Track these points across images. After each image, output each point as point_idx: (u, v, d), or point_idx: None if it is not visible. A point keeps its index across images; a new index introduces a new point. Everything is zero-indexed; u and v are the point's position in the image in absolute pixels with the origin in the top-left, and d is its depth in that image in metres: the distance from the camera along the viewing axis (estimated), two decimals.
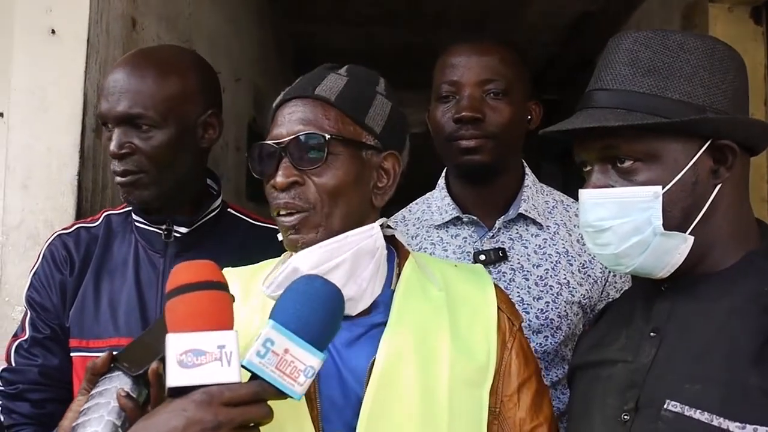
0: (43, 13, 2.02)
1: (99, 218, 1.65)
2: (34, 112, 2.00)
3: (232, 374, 0.89)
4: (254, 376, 0.91)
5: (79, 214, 1.96)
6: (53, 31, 2.01)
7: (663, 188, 1.07)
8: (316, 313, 0.94)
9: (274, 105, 1.20)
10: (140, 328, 1.47)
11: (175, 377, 0.88)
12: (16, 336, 1.57)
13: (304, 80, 1.20)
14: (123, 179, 1.48)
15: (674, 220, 1.09)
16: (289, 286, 0.99)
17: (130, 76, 1.48)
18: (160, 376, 0.94)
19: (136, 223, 1.59)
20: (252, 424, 0.92)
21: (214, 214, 1.62)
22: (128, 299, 1.52)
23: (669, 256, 1.10)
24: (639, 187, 1.09)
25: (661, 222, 1.07)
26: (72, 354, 1.52)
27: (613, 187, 1.11)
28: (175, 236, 1.56)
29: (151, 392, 0.98)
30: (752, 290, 1.07)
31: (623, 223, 1.09)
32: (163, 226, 1.55)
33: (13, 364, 1.53)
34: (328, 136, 1.11)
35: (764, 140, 1.15)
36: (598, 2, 4.71)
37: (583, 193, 1.15)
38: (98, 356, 1.47)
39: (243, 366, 0.90)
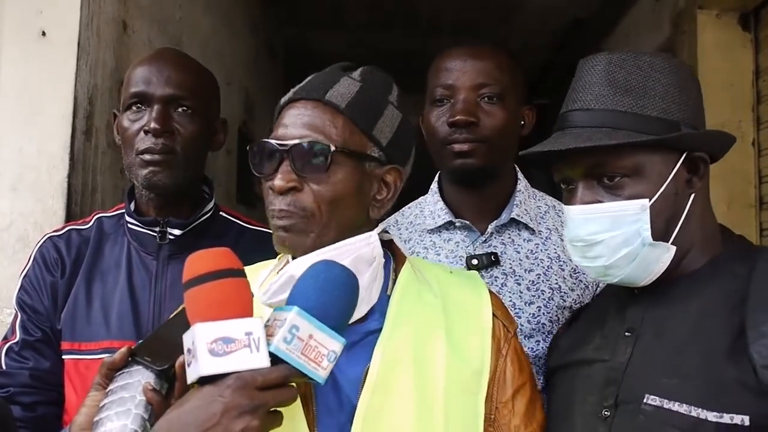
0: (34, 15, 2.01)
1: (90, 220, 1.64)
2: (24, 114, 1.99)
3: (261, 360, 0.91)
4: (277, 360, 0.92)
5: (69, 217, 1.96)
6: (44, 33, 2.01)
7: (650, 200, 1.14)
8: (336, 300, 0.97)
9: (282, 101, 1.18)
10: (133, 330, 1.47)
11: (207, 365, 0.89)
12: (6, 339, 1.55)
13: (315, 80, 1.17)
14: (155, 157, 1.49)
15: (659, 230, 1.15)
16: (306, 271, 1.00)
17: (174, 63, 1.54)
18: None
19: (130, 225, 1.59)
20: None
21: (206, 216, 1.62)
22: (120, 302, 1.51)
23: (653, 266, 1.17)
24: (627, 201, 1.15)
25: (649, 233, 1.14)
26: (63, 357, 1.51)
27: (601, 202, 1.16)
28: (169, 238, 1.55)
29: (176, 385, 0.98)
30: (721, 291, 1.14)
31: (614, 236, 1.15)
32: (157, 229, 1.55)
33: (4, 367, 1.52)
34: (333, 148, 1.09)
35: (726, 149, 1.24)
36: (591, 9, 4.74)
37: (572, 209, 1.19)
38: (91, 359, 1.46)
39: (270, 352, 0.92)
